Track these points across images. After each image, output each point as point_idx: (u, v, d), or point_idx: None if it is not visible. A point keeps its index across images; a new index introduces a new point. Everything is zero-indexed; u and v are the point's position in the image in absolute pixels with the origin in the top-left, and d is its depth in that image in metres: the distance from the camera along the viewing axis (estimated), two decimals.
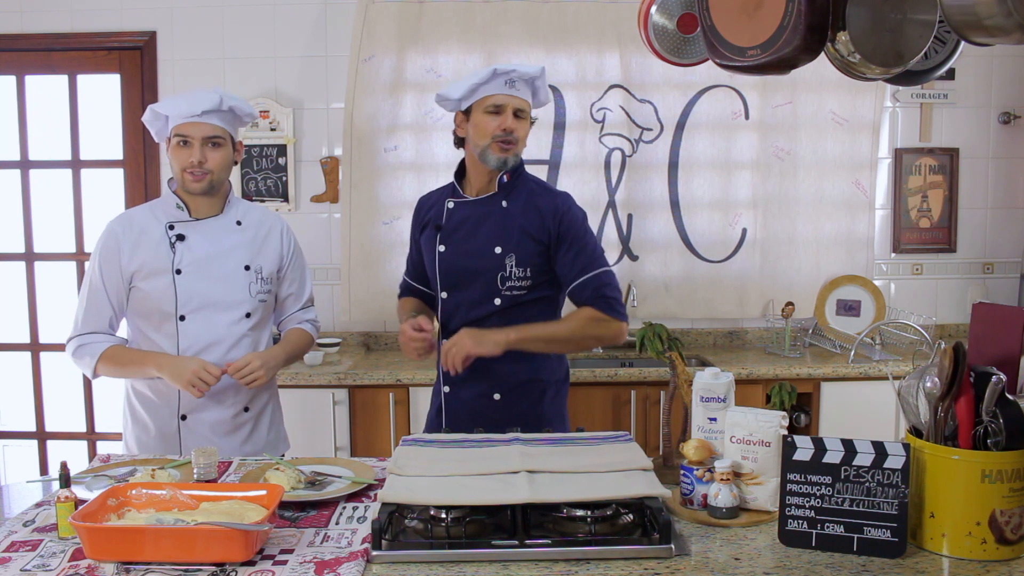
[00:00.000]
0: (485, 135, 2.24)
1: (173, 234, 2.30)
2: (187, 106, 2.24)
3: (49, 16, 3.82)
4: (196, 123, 2.24)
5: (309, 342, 2.52)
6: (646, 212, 3.86)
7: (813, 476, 1.56)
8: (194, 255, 2.29)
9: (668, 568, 1.47)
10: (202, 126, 2.25)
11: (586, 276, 2.25)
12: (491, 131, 2.23)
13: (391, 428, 3.38)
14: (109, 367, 2.29)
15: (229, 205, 2.38)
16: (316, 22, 3.85)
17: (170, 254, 2.28)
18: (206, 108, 2.24)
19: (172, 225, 2.31)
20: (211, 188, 2.29)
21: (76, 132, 3.93)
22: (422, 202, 2.47)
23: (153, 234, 2.30)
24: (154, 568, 1.46)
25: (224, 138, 2.29)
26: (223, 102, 2.27)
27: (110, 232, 2.32)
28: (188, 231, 2.31)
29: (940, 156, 3.98)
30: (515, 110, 2.25)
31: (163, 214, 2.33)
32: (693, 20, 2.18)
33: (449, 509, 1.58)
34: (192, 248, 2.30)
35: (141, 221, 2.33)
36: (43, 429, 4.06)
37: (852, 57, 1.77)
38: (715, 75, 3.69)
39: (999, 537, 1.49)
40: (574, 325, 2.25)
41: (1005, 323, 1.74)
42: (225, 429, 2.34)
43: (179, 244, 2.29)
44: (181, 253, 2.29)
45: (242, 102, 2.33)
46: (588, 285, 2.25)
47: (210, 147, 2.26)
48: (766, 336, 3.91)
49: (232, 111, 2.30)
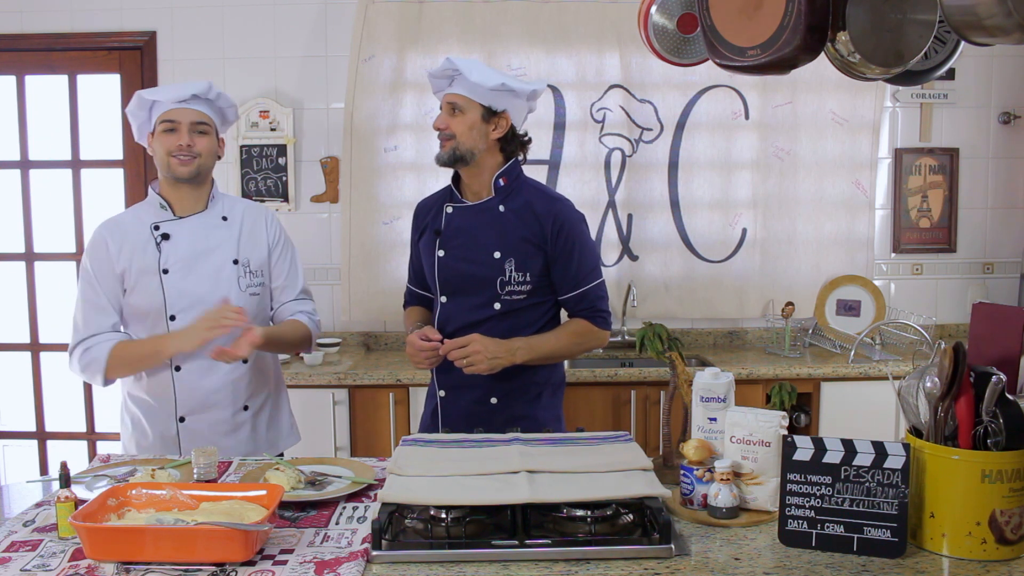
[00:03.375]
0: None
1: (158, 234, 2.28)
2: (175, 91, 2.26)
3: (49, 16, 3.82)
4: (183, 109, 2.26)
5: (304, 334, 2.43)
6: (646, 212, 3.86)
7: (813, 476, 1.56)
8: (180, 254, 2.28)
9: (668, 568, 1.47)
10: (189, 112, 2.26)
11: (582, 289, 2.30)
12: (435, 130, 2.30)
13: (391, 428, 3.38)
14: (119, 365, 2.25)
15: (213, 201, 2.36)
16: (316, 22, 3.85)
17: (156, 254, 2.27)
18: (195, 92, 2.26)
19: (157, 225, 2.29)
20: (198, 174, 2.28)
21: (76, 132, 3.94)
22: (420, 207, 2.46)
23: (139, 236, 2.28)
24: (154, 568, 1.46)
25: (210, 127, 2.30)
26: (211, 89, 2.30)
27: (98, 236, 2.31)
28: (173, 230, 2.30)
29: (940, 156, 3.98)
30: (447, 106, 2.26)
31: (147, 215, 2.32)
32: (693, 20, 2.18)
33: (449, 509, 1.58)
34: (178, 247, 2.28)
35: (126, 224, 2.31)
36: (43, 429, 4.06)
37: (852, 57, 1.77)
38: (715, 75, 3.69)
39: (999, 537, 1.49)
40: (571, 341, 2.32)
41: (1005, 323, 1.74)
42: (224, 429, 2.33)
43: (164, 244, 2.27)
44: (167, 253, 2.27)
45: (227, 96, 2.36)
46: (584, 298, 2.31)
47: (197, 133, 2.27)
48: (766, 336, 3.91)
49: (220, 98, 2.33)
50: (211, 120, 2.31)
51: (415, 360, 2.28)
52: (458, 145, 2.23)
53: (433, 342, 2.24)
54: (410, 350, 2.28)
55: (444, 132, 2.25)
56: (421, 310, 2.49)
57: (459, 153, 2.24)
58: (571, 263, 2.27)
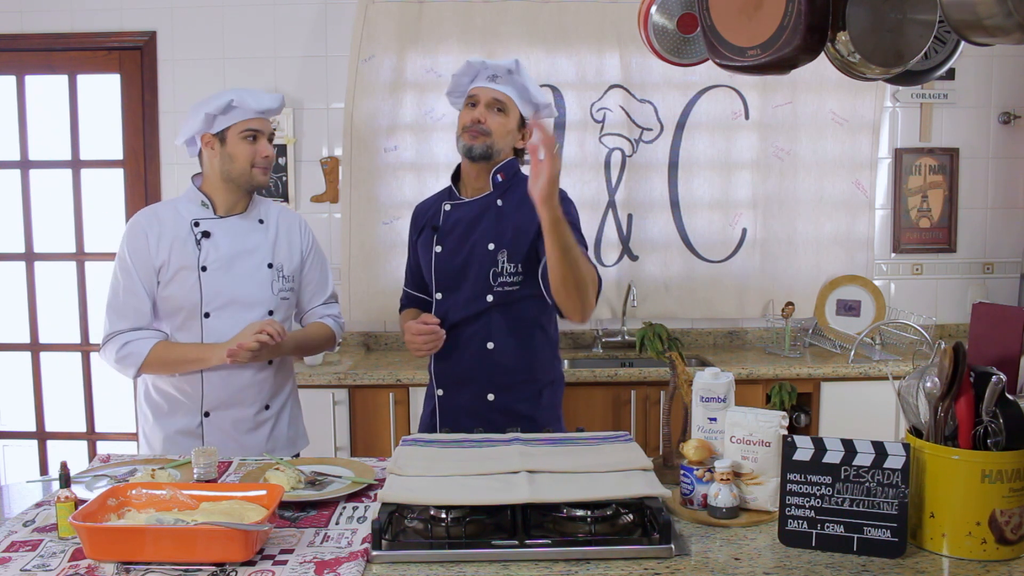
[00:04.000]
0: (460, 126, 2.30)
1: (199, 231, 2.31)
2: (266, 102, 2.33)
3: (49, 16, 3.82)
4: (265, 120, 2.35)
5: (329, 336, 2.50)
6: (646, 212, 3.86)
7: (813, 476, 1.56)
8: (219, 252, 2.31)
9: (668, 568, 1.47)
10: (267, 123, 2.36)
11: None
12: (464, 122, 2.28)
13: (391, 428, 3.38)
14: (156, 365, 2.28)
15: (252, 204, 2.41)
16: (316, 22, 3.85)
17: (196, 251, 2.29)
18: (275, 106, 2.35)
19: (197, 222, 2.32)
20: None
21: (76, 132, 3.93)
22: (419, 208, 2.48)
23: (178, 230, 2.31)
24: (154, 568, 1.46)
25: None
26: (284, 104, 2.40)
27: (136, 224, 2.32)
28: (213, 228, 2.33)
29: (940, 156, 3.98)
30: (491, 101, 2.27)
31: (187, 211, 2.34)
32: (693, 20, 2.18)
33: (449, 509, 1.58)
34: (218, 246, 2.31)
35: (165, 217, 2.33)
36: (43, 429, 4.06)
37: (852, 57, 1.77)
38: (715, 75, 3.69)
39: (999, 537, 1.49)
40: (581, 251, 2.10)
41: (1005, 323, 1.74)
42: (247, 427, 2.36)
43: (204, 241, 2.30)
44: (207, 250, 2.30)
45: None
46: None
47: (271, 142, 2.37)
48: (766, 336, 3.91)
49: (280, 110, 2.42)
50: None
51: (413, 346, 2.28)
52: (493, 143, 2.26)
53: (431, 326, 2.25)
54: (408, 336, 2.29)
55: (480, 126, 2.25)
56: (417, 312, 2.49)
57: (491, 151, 2.26)
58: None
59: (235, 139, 2.30)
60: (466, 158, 2.29)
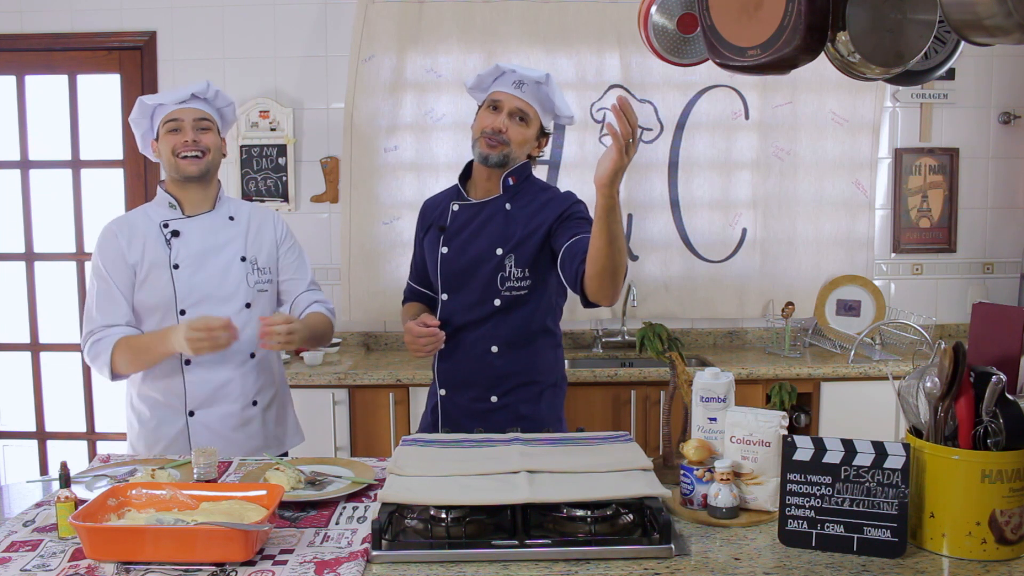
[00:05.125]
0: (477, 130, 2.27)
1: (168, 231, 2.32)
2: (175, 93, 2.33)
3: (49, 16, 3.82)
4: (185, 108, 2.31)
5: (329, 324, 2.47)
6: (646, 212, 3.86)
7: (813, 476, 1.56)
8: (190, 250, 2.32)
9: (668, 568, 1.47)
10: (191, 110, 2.32)
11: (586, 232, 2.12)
12: (482, 126, 2.26)
13: (391, 428, 3.38)
14: (125, 358, 2.26)
15: (220, 202, 2.41)
16: (316, 22, 3.85)
17: (166, 250, 2.30)
18: (194, 92, 2.33)
19: (166, 223, 2.33)
20: (207, 171, 2.33)
21: (76, 132, 3.94)
22: (427, 204, 2.47)
23: (148, 232, 2.32)
24: (154, 568, 1.46)
25: (212, 123, 2.36)
26: (209, 88, 2.36)
27: (108, 232, 2.35)
28: (182, 227, 2.34)
29: (940, 156, 3.98)
30: (515, 110, 2.25)
31: (156, 214, 2.36)
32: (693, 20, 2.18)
33: (449, 509, 1.57)
34: (188, 243, 2.32)
35: (135, 221, 2.36)
36: (43, 429, 4.06)
37: (852, 57, 1.77)
38: (715, 75, 3.69)
39: (999, 537, 1.49)
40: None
41: (1005, 323, 1.74)
42: (233, 424, 2.35)
43: (174, 240, 2.31)
44: (177, 248, 2.31)
45: (225, 95, 2.42)
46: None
47: (200, 130, 2.32)
48: (766, 336, 3.91)
49: (218, 97, 2.38)
50: (213, 118, 2.36)
51: (414, 348, 2.27)
52: (510, 152, 2.25)
53: (431, 327, 2.23)
54: (408, 338, 2.28)
55: (500, 136, 2.23)
56: (420, 306, 2.49)
57: (508, 160, 2.25)
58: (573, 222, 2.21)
59: (163, 136, 2.32)
60: (477, 161, 2.28)
